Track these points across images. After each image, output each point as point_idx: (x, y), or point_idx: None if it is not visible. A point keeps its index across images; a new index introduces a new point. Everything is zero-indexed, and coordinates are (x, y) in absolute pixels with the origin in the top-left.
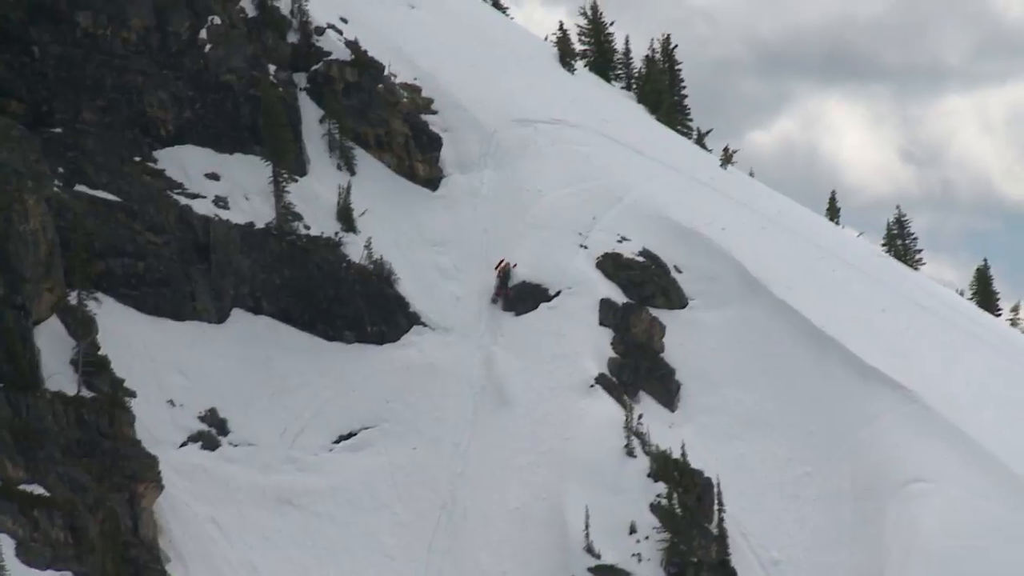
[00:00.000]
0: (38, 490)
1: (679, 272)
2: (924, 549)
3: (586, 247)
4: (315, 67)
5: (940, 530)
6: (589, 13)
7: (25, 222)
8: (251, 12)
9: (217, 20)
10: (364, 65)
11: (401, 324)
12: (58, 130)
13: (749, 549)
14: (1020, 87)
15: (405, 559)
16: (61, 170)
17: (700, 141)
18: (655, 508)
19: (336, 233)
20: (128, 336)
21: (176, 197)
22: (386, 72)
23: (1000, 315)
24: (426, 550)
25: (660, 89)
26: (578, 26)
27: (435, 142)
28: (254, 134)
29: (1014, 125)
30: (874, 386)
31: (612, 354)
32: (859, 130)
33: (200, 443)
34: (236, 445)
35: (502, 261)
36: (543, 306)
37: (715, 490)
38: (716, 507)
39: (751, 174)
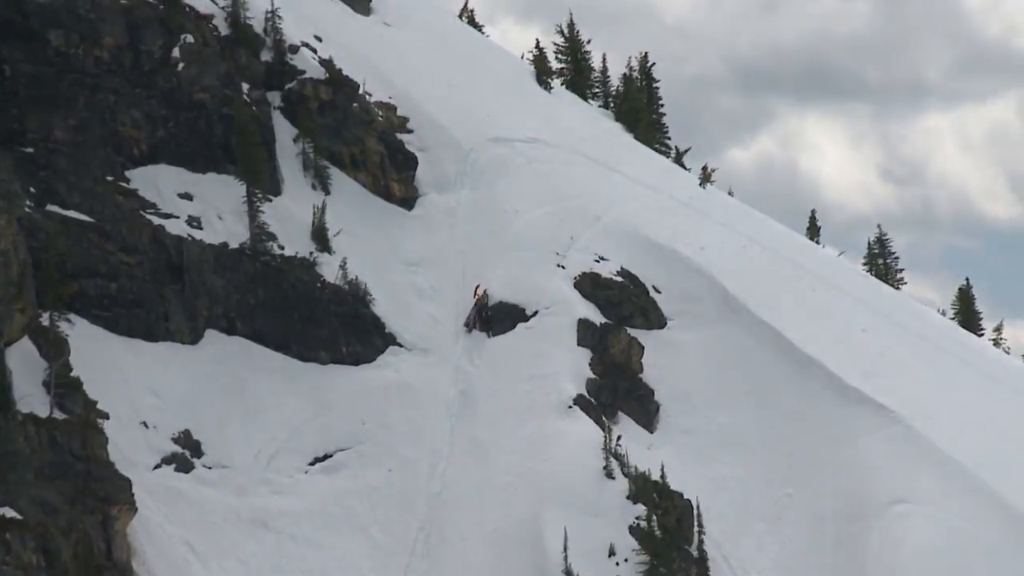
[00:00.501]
0: (10, 513)
1: (658, 292)
2: (907, 571)
3: (564, 267)
4: (289, 86)
5: (923, 552)
6: (565, 31)
7: None
8: (224, 31)
9: (190, 39)
10: (339, 84)
11: (377, 345)
12: (30, 149)
13: (730, 571)
14: (1000, 105)
15: None
16: (33, 190)
17: (679, 160)
18: (634, 530)
19: (311, 253)
20: (101, 357)
21: (149, 217)
22: (361, 91)
23: (983, 335)
24: (403, 573)
25: (638, 107)
26: (554, 44)
27: (411, 161)
28: (227, 153)
29: (994, 143)
30: (856, 407)
31: (590, 375)
32: (839, 148)
33: (174, 465)
34: (210, 467)
35: (478, 286)
36: (520, 326)
37: (695, 512)
38: (696, 529)
39: (730, 193)
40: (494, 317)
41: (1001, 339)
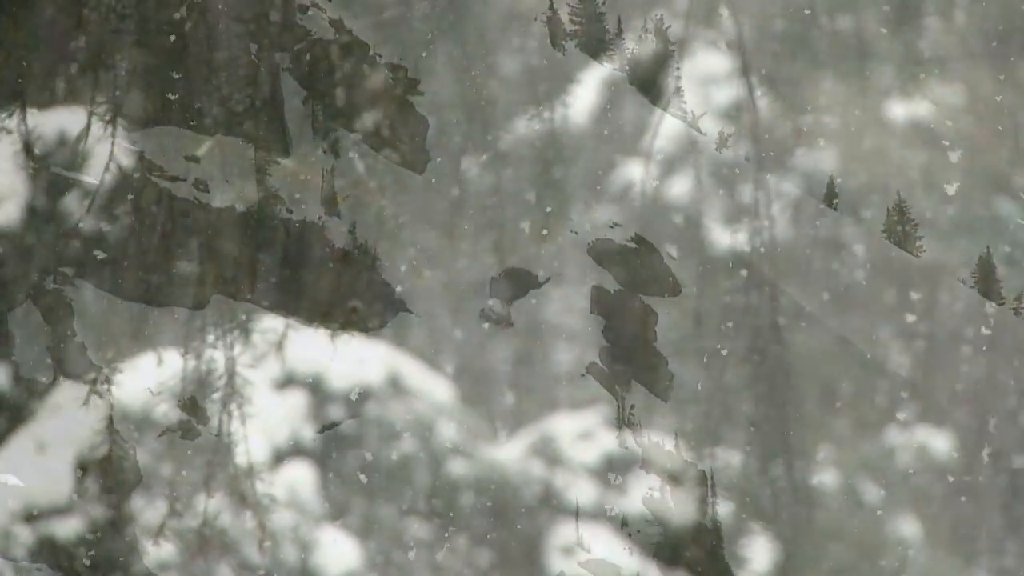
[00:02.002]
0: (12, 480)
1: (672, 258)
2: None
3: (576, 232)
4: (298, 46)
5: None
6: None
7: None
8: None
9: None
10: (348, 45)
11: (386, 311)
12: (32, 110)
13: (747, 543)
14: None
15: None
16: (36, 151)
17: (694, 124)
18: (647, 501)
19: (319, 217)
20: (104, 321)
21: (154, 180)
22: (371, 52)
23: (1003, 304)
24: (408, 543)
25: (653, 70)
26: (568, 4)
27: (421, 124)
28: (234, 115)
29: (1013, 103)
30: (874, 380)
31: (603, 343)
32: (855, 109)
33: (179, 433)
34: (216, 435)
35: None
36: (531, 292)
37: (709, 483)
38: (710, 500)
39: (747, 159)
40: (503, 282)
41: (1022, 307)
